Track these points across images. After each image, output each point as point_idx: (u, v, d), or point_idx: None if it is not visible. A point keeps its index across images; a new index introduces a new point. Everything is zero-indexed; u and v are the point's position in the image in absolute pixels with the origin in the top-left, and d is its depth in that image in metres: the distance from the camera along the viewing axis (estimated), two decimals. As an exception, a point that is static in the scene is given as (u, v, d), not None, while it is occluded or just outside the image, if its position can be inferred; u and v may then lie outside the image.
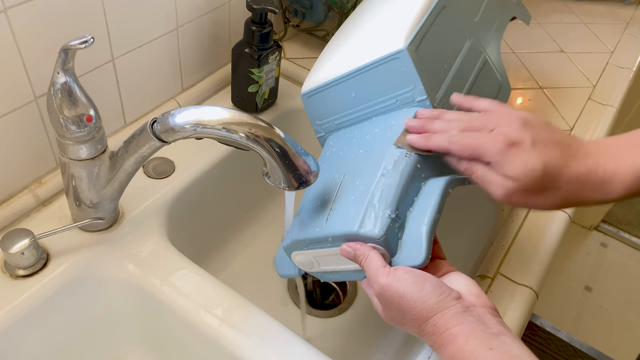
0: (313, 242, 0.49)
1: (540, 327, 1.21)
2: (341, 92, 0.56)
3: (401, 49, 0.50)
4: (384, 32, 0.54)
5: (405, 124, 0.49)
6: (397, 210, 0.45)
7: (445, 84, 0.54)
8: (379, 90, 0.53)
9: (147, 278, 0.54)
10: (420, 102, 0.51)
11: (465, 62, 0.58)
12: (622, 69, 0.93)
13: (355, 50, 0.56)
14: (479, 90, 0.59)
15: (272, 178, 0.46)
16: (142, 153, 0.48)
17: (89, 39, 0.42)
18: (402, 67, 0.51)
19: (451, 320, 0.39)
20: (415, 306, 0.40)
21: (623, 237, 1.77)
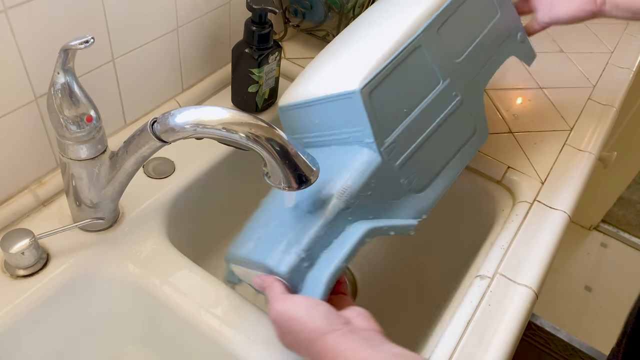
0: (242, 261, 0.52)
1: (540, 327, 1.21)
2: (308, 115, 0.56)
3: (354, 90, 0.50)
4: (349, 66, 0.54)
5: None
6: (310, 250, 0.48)
7: (400, 127, 0.53)
8: (336, 122, 0.54)
9: (147, 278, 0.54)
10: (368, 144, 0.52)
11: (434, 103, 0.56)
12: (622, 69, 0.93)
13: (325, 77, 0.56)
14: (448, 132, 0.58)
15: (273, 178, 0.46)
16: (142, 153, 0.48)
17: (89, 39, 0.42)
18: (353, 108, 0.51)
19: (339, 340, 0.42)
20: (305, 328, 0.43)
21: (623, 237, 1.77)
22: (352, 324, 0.44)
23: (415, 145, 0.55)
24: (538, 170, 0.71)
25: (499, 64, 0.65)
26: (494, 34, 0.63)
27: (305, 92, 0.56)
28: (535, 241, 0.61)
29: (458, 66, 0.59)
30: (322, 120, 0.55)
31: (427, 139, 0.56)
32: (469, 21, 0.61)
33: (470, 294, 0.56)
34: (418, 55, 0.55)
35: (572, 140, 0.76)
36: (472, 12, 0.61)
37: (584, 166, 0.72)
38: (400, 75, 0.53)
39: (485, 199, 0.72)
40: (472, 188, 0.73)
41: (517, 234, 0.62)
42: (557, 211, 0.65)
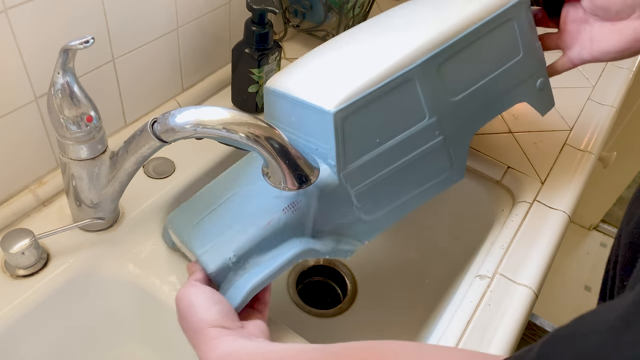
0: (178, 233, 0.52)
1: (540, 327, 1.21)
2: (286, 109, 0.54)
3: (328, 111, 0.48)
4: (335, 80, 0.52)
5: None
6: (243, 255, 0.49)
7: (367, 156, 0.51)
8: (309, 129, 0.52)
9: (147, 278, 0.54)
10: (330, 165, 0.51)
11: (412, 139, 0.53)
12: (622, 69, 0.93)
13: (312, 79, 0.54)
14: (418, 168, 0.55)
15: (273, 178, 0.46)
16: (143, 153, 0.48)
17: (89, 39, 0.42)
18: (325, 126, 0.49)
19: (224, 333, 0.42)
20: (197, 315, 0.44)
21: (623, 237, 1.77)
22: (246, 330, 0.44)
23: (378, 176, 0.53)
24: (538, 170, 0.71)
25: (502, 110, 0.60)
26: (508, 76, 0.58)
27: (290, 84, 0.54)
28: (535, 241, 0.61)
29: (452, 105, 0.55)
30: (297, 121, 0.53)
31: (394, 171, 0.53)
32: (481, 58, 0.56)
33: (470, 294, 0.56)
34: (408, 88, 0.52)
35: (572, 140, 0.76)
36: (488, 49, 0.56)
37: (584, 166, 0.72)
38: (382, 105, 0.51)
39: (485, 199, 0.72)
40: (472, 188, 0.73)
41: (517, 234, 0.62)
42: (557, 211, 0.65)
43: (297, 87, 0.53)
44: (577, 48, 0.57)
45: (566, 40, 0.58)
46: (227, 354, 0.41)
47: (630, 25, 0.53)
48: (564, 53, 0.59)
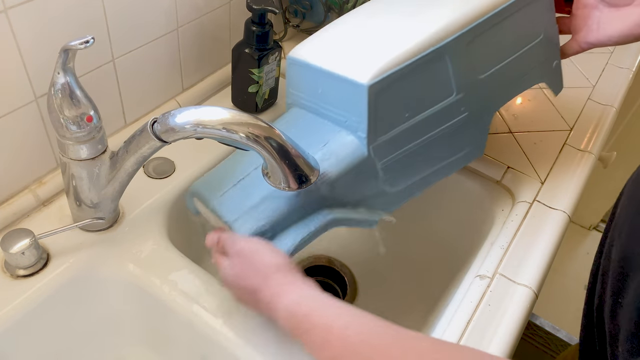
0: (205, 202, 0.52)
1: (539, 326, 1.21)
2: (313, 80, 0.54)
3: (362, 84, 0.49)
4: (367, 53, 0.52)
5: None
6: (275, 224, 0.49)
7: (396, 130, 0.52)
8: (338, 101, 0.53)
9: (148, 278, 0.54)
10: (359, 137, 0.51)
11: (438, 114, 0.54)
12: (622, 69, 0.93)
13: (344, 51, 0.54)
14: (442, 143, 0.56)
15: (272, 178, 0.46)
16: (143, 153, 0.48)
17: (89, 39, 0.42)
18: (357, 99, 0.50)
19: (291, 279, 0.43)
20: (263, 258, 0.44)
21: (623, 237, 1.77)
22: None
23: (404, 149, 0.54)
24: (538, 170, 0.71)
25: (523, 89, 0.61)
26: (529, 56, 0.59)
27: (319, 55, 0.54)
28: (535, 241, 0.61)
29: (478, 83, 0.56)
30: (325, 93, 0.54)
31: (419, 145, 0.54)
32: (506, 38, 0.57)
33: (470, 293, 0.56)
34: (439, 64, 0.52)
35: (572, 140, 0.76)
36: (513, 29, 0.57)
37: (584, 166, 0.72)
38: (413, 80, 0.51)
39: (485, 199, 0.72)
40: (472, 188, 0.73)
41: (517, 234, 0.62)
42: (557, 211, 0.65)
43: (326, 58, 0.53)
44: (585, 32, 0.60)
45: (576, 25, 0.61)
46: (296, 303, 0.41)
47: (634, 12, 0.57)
48: (573, 37, 0.62)
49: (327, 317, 0.40)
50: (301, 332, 0.40)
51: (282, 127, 0.56)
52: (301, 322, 0.40)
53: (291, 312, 0.41)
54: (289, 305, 0.41)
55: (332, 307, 0.41)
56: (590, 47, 0.61)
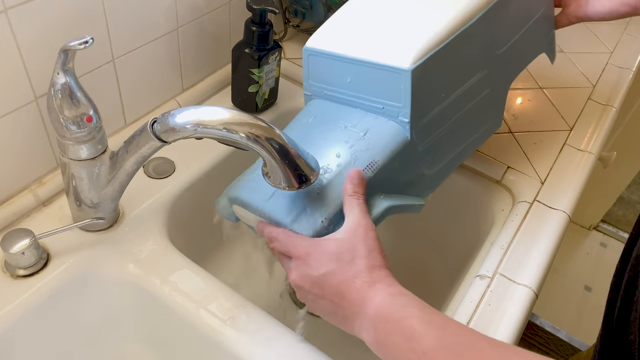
0: (252, 208, 0.50)
1: (540, 327, 1.21)
2: (340, 70, 0.54)
3: (405, 69, 0.48)
4: (403, 37, 0.51)
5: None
6: (332, 219, 0.47)
7: (434, 111, 0.53)
8: (373, 89, 0.52)
9: (147, 278, 0.54)
10: (401, 122, 0.51)
11: (467, 92, 0.55)
12: (622, 69, 0.93)
13: (371, 37, 0.53)
14: (469, 120, 0.57)
15: (272, 178, 0.46)
16: (143, 153, 0.48)
17: (89, 40, 0.42)
18: (399, 84, 0.49)
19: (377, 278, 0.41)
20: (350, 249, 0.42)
21: (623, 237, 1.77)
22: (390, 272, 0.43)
23: (440, 130, 0.54)
24: (538, 170, 0.71)
25: (529, 61, 0.64)
26: (535, 29, 0.62)
27: (341, 44, 0.53)
28: (535, 241, 0.61)
29: (497, 58, 0.58)
30: (356, 81, 0.53)
31: (451, 125, 0.55)
32: (518, 13, 0.59)
33: (470, 293, 0.56)
34: (470, 41, 0.53)
35: (572, 140, 0.76)
36: (523, 4, 0.59)
37: (584, 166, 0.72)
38: (448, 59, 0.52)
39: (485, 199, 0.72)
40: (472, 188, 0.73)
41: (517, 234, 0.62)
42: (557, 211, 0.65)
43: (355, 46, 0.52)
44: (574, 7, 0.65)
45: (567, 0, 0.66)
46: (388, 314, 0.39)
47: None
48: (563, 11, 0.66)
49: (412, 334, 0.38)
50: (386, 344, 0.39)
51: (311, 120, 0.55)
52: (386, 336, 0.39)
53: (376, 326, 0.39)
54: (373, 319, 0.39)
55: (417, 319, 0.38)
56: (579, 21, 0.65)
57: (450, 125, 0.55)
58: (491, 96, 0.59)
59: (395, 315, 0.39)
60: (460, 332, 0.38)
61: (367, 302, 0.40)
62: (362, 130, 0.51)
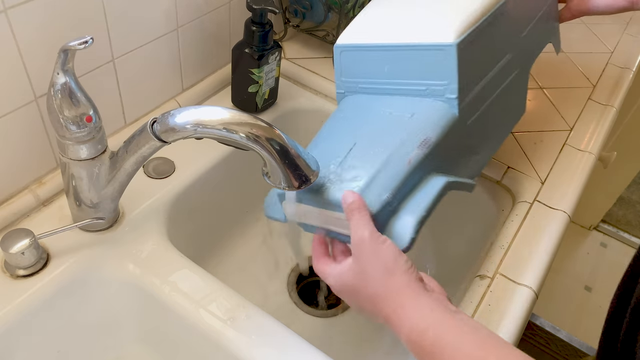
0: (307, 198, 0.49)
1: (540, 327, 1.21)
2: (376, 60, 0.54)
3: (451, 43, 0.49)
4: (440, 17, 0.53)
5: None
6: (395, 195, 0.47)
7: (477, 88, 0.54)
8: (413, 72, 0.53)
9: (147, 278, 0.54)
10: (448, 99, 0.51)
11: (500, 73, 0.57)
12: (622, 69, 0.93)
13: (405, 23, 0.54)
14: (501, 103, 0.58)
15: (272, 178, 0.46)
16: (142, 153, 0.48)
17: (89, 40, 0.42)
18: (444, 61, 0.50)
19: (415, 291, 0.41)
20: (387, 266, 0.42)
21: (623, 237, 1.77)
22: (425, 284, 0.43)
23: (480, 110, 0.55)
24: (538, 170, 0.71)
25: (542, 48, 0.66)
26: (546, 15, 0.64)
27: (375, 35, 0.54)
28: (535, 241, 0.61)
29: (520, 41, 0.59)
30: (394, 68, 0.53)
31: (487, 106, 0.56)
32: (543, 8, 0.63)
33: (470, 294, 0.56)
34: (501, 22, 0.55)
35: (572, 140, 0.76)
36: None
37: (584, 166, 0.72)
38: (485, 37, 0.53)
39: (485, 199, 0.72)
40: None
41: (517, 234, 0.62)
42: (557, 211, 0.65)
43: (390, 34, 0.54)
44: (577, 1, 0.67)
45: None
46: (422, 331, 0.38)
47: None
48: (566, 5, 0.69)
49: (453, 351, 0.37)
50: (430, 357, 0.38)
51: (350, 113, 0.55)
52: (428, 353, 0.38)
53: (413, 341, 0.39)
54: (410, 334, 0.39)
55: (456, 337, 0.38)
56: (581, 14, 0.68)
57: (488, 104, 0.56)
58: (518, 79, 0.60)
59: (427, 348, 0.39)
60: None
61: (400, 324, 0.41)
62: (408, 112, 0.52)
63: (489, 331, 0.39)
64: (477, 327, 0.38)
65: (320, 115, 0.79)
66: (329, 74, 0.81)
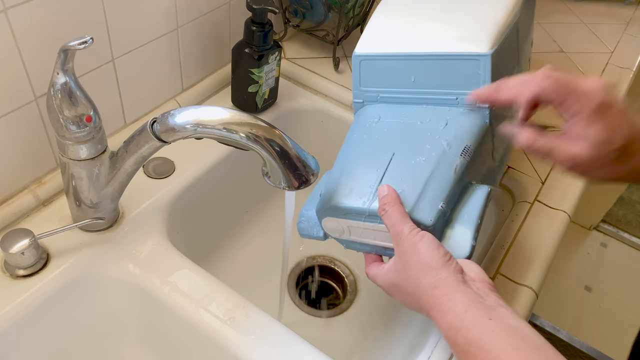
0: (352, 213, 0.49)
1: (540, 327, 1.21)
2: (401, 69, 0.54)
3: (487, 53, 0.50)
4: (470, 27, 0.53)
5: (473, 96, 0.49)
6: (447, 204, 0.47)
7: None
8: (443, 82, 0.52)
9: (147, 278, 0.54)
10: (479, 109, 0.51)
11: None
12: (622, 69, 0.93)
13: (429, 31, 0.54)
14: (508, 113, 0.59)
15: (272, 178, 0.46)
16: (142, 153, 0.48)
17: (88, 40, 0.42)
18: (478, 70, 0.50)
19: (451, 287, 0.41)
20: (423, 261, 0.42)
21: (623, 237, 1.77)
22: (465, 274, 0.42)
23: (502, 118, 0.55)
24: (538, 170, 0.71)
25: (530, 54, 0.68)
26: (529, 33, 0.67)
27: (399, 44, 0.54)
28: (536, 241, 0.61)
29: (522, 50, 0.60)
30: (422, 77, 0.53)
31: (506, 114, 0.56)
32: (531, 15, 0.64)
33: (470, 294, 0.56)
34: (514, 33, 0.56)
35: (572, 140, 0.76)
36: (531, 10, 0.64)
37: (584, 166, 0.72)
38: (506, 48, 0.53)
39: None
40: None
41: (517, 234, 0.62)
42: (557, 211, 0.65)
43: (416, 42, 0.53)
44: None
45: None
46: (456, 330, 0.38)
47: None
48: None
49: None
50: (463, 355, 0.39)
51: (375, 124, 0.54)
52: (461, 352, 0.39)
53: (449, 339, 0.39)
54: (446, 332, 0.40)
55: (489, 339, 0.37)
56: None
57: (508, 112, 0.56)
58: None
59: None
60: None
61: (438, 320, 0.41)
62: (441, 122, 0.52)
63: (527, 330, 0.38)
64: (513, 326, 0.38)
65: (320, 115, 0.79)
66: (329, 74, 0.81)
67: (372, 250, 0.51)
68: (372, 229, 0.49)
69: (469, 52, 0.51)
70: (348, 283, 0.77)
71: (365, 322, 0.73)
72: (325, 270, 0.79)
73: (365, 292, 0.77)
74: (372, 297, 0.76)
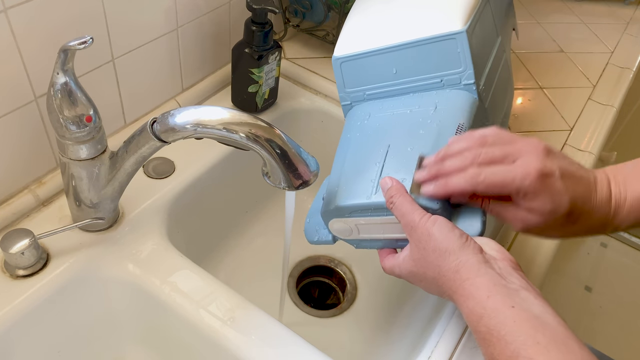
0: (357, 210, 0.49)
1: (540, 327, 1.21)
2: (381, 64, 0.54)
3: (460, 30, 0.50)
4: (436, 8, 0.53)
5: (415, 179, 0.46)
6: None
7: (486, 70, 0.54)
8: (425, 67, 0.53)
9: (147, 278, 0.54)
10: (466, 86, 0.51)
11: (497, 56, 0.58)
12: (622, 69, 0.93)
13: (402, 21, 0.54)
14: (500, 83, 0.60)
15: (272, 178, 0.46)
16: (142, 153, 0.48)
17: (88, 40, 0.42)
18: (456, 49, 0.50)
19: (473, 270, 0.40)
20: (440, 247, 0.41)
21: (623, 237, 1.77)
22: (485, 253, 0.41)
23: (492, 90, 0.55)
24: (538, 170, 0.71)
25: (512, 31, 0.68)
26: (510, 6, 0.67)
27: (375, 39, 0.54)
28: (536, 241, 0.61)
29: (503, 23, 0.61)
30: (404, 67, 0.53)
31: (495, 87, 0.57)
32: None
33: (470, 294, 0.56)
34: (489, 5, 0.56)
35: (572, 140, 0.76)
36: None
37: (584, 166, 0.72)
38: (482, 22, 0.54)
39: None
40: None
41: (517, 234, 0.62)
42: (557, 211, 0.65)
43: (391, 35, 0.53)
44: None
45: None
46: (478, 317, 0.38)
47: None
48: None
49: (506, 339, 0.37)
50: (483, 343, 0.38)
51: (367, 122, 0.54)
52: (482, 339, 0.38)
53: (471, 323, 0.39)
54: (468, 317, 0.39)
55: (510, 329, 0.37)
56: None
57: (495, 86, 0.57)
58: (506, 63, 0.61)
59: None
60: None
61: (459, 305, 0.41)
62: (430, 106, 0.52)
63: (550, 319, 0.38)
64: (536, 315, 0.38)
65: (320, 115, 0.79)
66: (329, 74, 0.81)
67: (384, 245, 0.51)
68: (380, 223, 0.48)
69: (443, 33, 0.51)
70: (348, 283, 0.77)
71: (365, 322, 0.73)
72: (325, 271, 0.79)
73: (366, 292, 0.77)
74: (372, 298, 0.76)
